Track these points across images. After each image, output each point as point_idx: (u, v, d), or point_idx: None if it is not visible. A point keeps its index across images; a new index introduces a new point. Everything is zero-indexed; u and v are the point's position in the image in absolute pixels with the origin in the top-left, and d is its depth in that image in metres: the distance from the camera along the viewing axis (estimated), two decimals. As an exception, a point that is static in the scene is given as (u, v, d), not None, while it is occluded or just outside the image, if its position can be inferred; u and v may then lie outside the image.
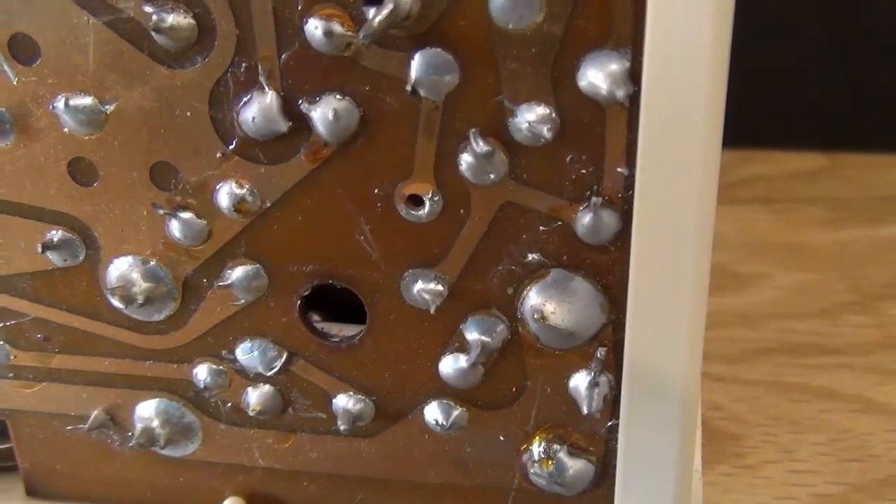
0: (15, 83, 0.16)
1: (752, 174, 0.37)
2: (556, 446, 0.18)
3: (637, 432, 0.17)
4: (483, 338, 0.17)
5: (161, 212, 0.17)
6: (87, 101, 0.16)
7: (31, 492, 0.20)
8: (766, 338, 0.29)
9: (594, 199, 0.15)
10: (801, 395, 0.26)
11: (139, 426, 0.19)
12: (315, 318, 0.18)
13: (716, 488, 0.23)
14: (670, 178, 0.15)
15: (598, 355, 0.16)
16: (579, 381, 0.17)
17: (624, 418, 0.17)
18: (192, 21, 0.15)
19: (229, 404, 0.18)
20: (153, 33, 0.15)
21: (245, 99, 0.16)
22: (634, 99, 0.14)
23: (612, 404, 0.17)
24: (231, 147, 0.16)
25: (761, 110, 0.37)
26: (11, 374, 0.19)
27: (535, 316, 0.16)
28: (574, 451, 0.18)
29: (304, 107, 0.16)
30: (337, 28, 0.15)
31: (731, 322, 0.29)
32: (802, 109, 0.37)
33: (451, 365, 0.17)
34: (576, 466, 0.18)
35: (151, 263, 0.17)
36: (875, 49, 0.36)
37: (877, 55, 0.37)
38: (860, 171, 0.36)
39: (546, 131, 0.15)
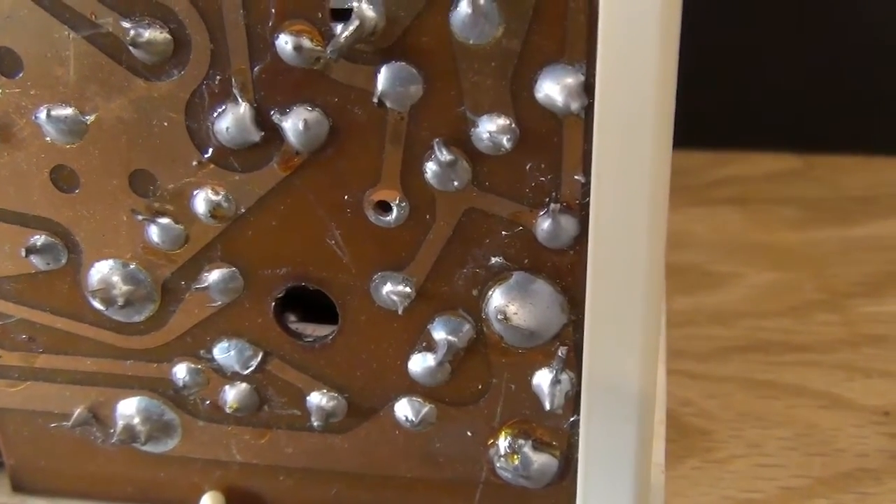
0: (-1, 95, 0.17)
1: (725, 175, 0.37)
2: (521, 441, 0.18)
3: (597, 427, 0.17)
4: (450, 337, 0.17)
5: (140, 217, 0.17)
6: (68, 111, 0.16)
7: (16, 487, 0.21)
8: (737, 335, 0.29)
9: (553, 205, 0.16)
10: (770, 391, 0.27)
11: (120, 423, 0.19)
12: (290, 318, 0.18)
13: (685, 482, 0.24)
14: (624, 184, 0.15)
15: (560, 354, 0.17)
16: (542, 378, 0.17)
17: (585, 414, 0.17)
18: (168, 36, 0.16)
19: (207, 402, 0.19)
20: (131, 47, 0.16)
21: (219, 110, 0.16)
22: (589, 110, 0.15)
23: (573, 401, 0.17)
24: (207, 156, 0.17)
25: (735, 113, 0.37)
26: (-3, 374, 0.19)
27: (499, 316, 0.17)
28: (538, 446, 0.18)
29: (275, 117, 0.16)
30: (306, 43, 0.15)
31: (703, 320, 0.30)
32: (776, 112, 0.37)
33: (419, 363, 0.18)
34: (540, 460, 0.18)
35: (131, 267, 0.18)
36: (849, 52, 0.37)
37: (850, 58, 0.37)
38: (832, 173, 0.37)
39: (506, 141, 0.16)
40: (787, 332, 0.29)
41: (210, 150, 0.17)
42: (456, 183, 0.16)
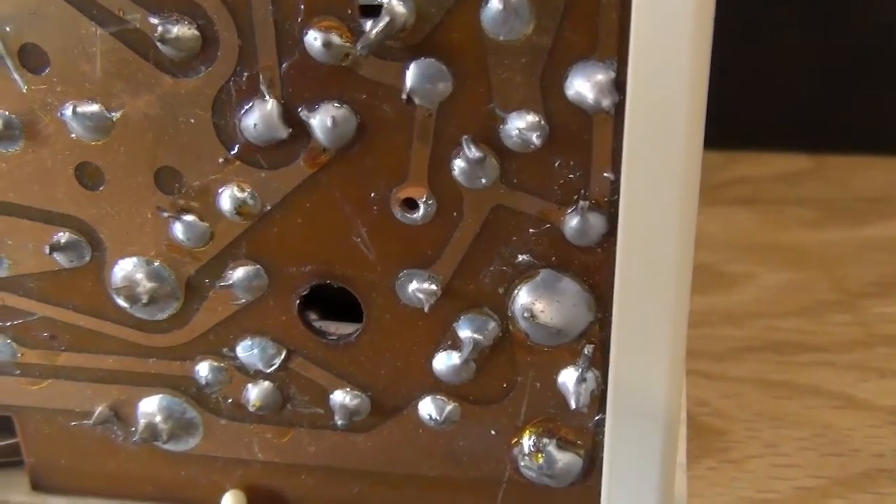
0: (25, 91, 0.17)
1: (737, 175, 0.37)
2: (545, 440, 0.18)
3: (622, 427, 0.17)
4: (475, 335, 0.17)
5: (165, 214, 0.17)
6: (94, 108, 0.16)
7: (36, 486, 0.21)
8: (751, 336, 0.29)
9: (581, 202, 0.16)
10: (785, 391, 0.27)
11: (142, 422, 0.19)
12: (313, 316, 0.18)
13: (702, 482, 0.24)
14: (654, 183, 0.15)
15: (586, 352, 0.17)
16: (567, 377, 0.17)
17: (610, 413, 0.17)
18: (196, 32, 0.16)
19: (230, 400, 0.19)
20: (158, 44, 0.16)
21: (247, 106, 0.16)
22: (619, 107, 0.15)
23: (599, 399, 0.17)
24: (233, 152, 0.17)
25: (747, 113, 0.37)
26: (18, 371, 0.19)
27: (525, 314, 0.17)
28: (563, 445, 0.18)
29: (303, 114, 0.16)
30: (335, 39, 0.15)
31: (717, 320, 0.30)
32: (787, 112, 0.38)
33: (444, 362, 0.18)
34: (564, 459, 0.18)
35: (155, 264, 0.18)
36: (861, 51, 0.37)
37: (863, 58, 0.37)
38: (844, 173, 0.37)
39: (535, 138, 0.16)
40: (801, 332, 0.29)
41: (236, 146, 0.17)
42: (484, 180, 0.16)
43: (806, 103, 0.37)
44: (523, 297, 0.17)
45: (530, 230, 0.16)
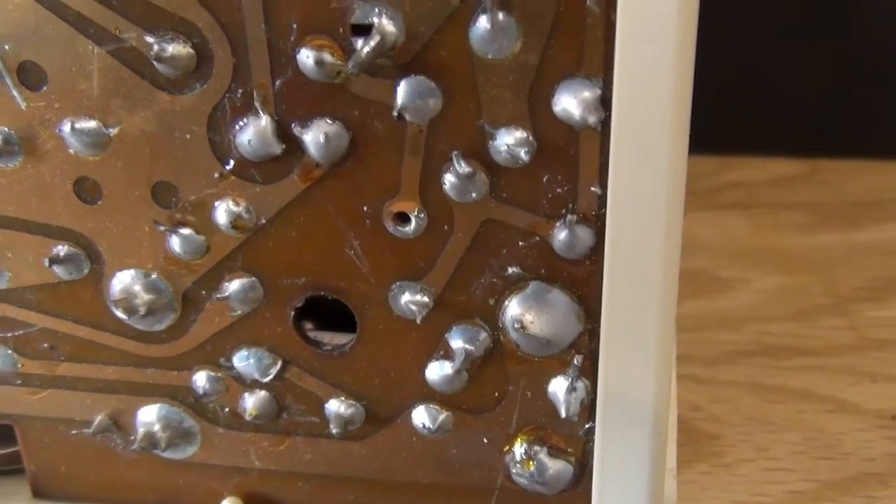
0: (24, 108, 0.17)
1: (731, 180, 0.37)
2: (536, 448, 0.18)
3: (612, 434, 0.17)
4: (467, 346, 0.18)
5: (162, 228, 0.17)
6: (92, 124, 0.17)
7: (37, 494, 0.21)
8: (744, 340, 0.29)
9: (569, 216, 0.16)
10: (778, 395, 0.27)
11: (141, 430, 0.19)
12: (308, 327, 0.19)
13: (694, 486, 0.24)
14: (640, 196, 0.15)
15: (575, 362, 0.17)
16: (558, 386, 0.18)
17: (600, 421, 0.17)
18: (191, 51, 0.16)
19: (227, 409, 0.19)
20: (154, 62, 0.16)
21: (241, 123, 0.16)
22: (606, 124, 0.15)
23: (588, 408, 0.18)
24: (228, 167, 0.17)
25: (741, 118, 0.37)
26: (19, 381, 0.19)
27: (516, 325, 0.17)
28: (554, 453, 0.18)
29: (296, 130, 0.16)
30: (327, 57, 0.16)
31: (710, 325, 0.30)
32: (781, 117, 0.38)
33: (437, 371, 0.18)
34: (555, 467, 0.18)
35: (153, 276, 0.18)
36: (854, 55, 0.37)
37: (856, 62, 0.37)
38: (837, 178, 0.37)
39: (524, 154, 0.16)
40: (793, 336, 0.29)
41: (231, 162, 0.17)
42: (474, 194, 0.16)
43: (799, 108, 0.38)
44: (514, 308, 0.17)
45: (520, 243, 0.17)
